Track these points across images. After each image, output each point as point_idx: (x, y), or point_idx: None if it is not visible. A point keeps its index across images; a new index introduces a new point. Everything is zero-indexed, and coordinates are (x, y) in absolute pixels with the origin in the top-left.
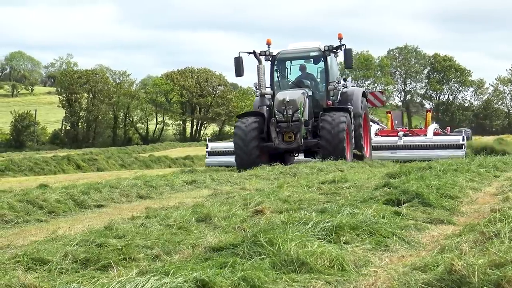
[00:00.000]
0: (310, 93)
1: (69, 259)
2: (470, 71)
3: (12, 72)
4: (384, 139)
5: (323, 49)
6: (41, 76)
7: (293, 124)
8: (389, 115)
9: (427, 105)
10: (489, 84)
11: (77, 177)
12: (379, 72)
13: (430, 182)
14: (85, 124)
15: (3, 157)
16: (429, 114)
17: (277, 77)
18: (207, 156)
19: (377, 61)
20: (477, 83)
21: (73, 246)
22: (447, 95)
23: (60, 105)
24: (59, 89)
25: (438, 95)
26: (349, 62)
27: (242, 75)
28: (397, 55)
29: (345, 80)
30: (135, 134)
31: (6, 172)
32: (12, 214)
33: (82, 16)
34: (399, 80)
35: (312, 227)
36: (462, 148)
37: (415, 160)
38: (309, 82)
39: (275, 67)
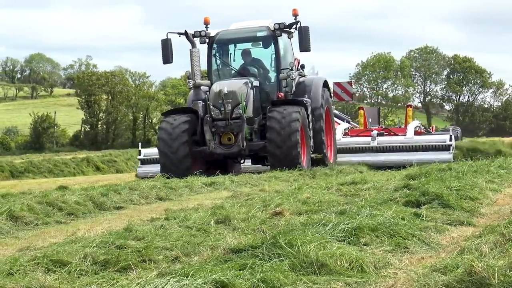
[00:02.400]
0: (256, 83)
1: (89, 260)
2: (490, 72)
3: (32, 74)
4: (354, 139)
5: (272, 28)
6: (61, 78)
7: (233, 122)
8: (361, 111)
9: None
10: (509, 85)
11: (96, 178)
12: (399, 73)
13: (449, 184)
14: (104, 126)
15: (23, 159)
16: (410, 109)
17: (216, 64)
18: (139, 165)
19: (398, 62)
20: (497, 84)
21: (93, 247)
22: (466, 97)
23: (79, 107)
24: (78, 91)
25: (458, 96)
26: (305, 43)
27: (171, 62)
28: (417, 56)
29: (302, 67)
30: (154, 135)
31: (25, 173)
32: (32, 216)
33: (105, 19)
34: (419, 82)
35: (332, 229)
36: (449, 149)
37: (392, 166)
38: (256, 70)
39: (214, 51)
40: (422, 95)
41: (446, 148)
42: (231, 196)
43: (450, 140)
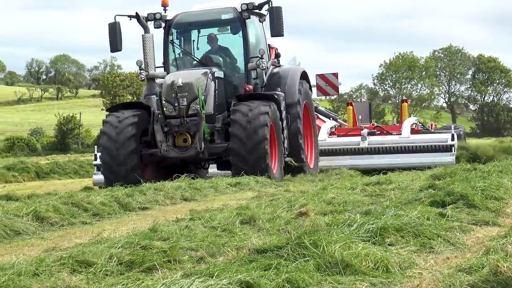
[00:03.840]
0: (220, 74)
1: (114, 261)
2: None
3: (57, 75)
4: (341, 140)
5: (240, 10)
6: (86, 79)
7: (189, 120)
8: (350, 107)
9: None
10: None
11: None
12: (424, 73)
13: (475, 184)
14: None
15: (48, 160)
16: (406, 105)
17: (174, 52)
18: (95, 171)
19: (422, 62)
20: None
21: (118, 248)
22: (491, 97)
23: (104, 108)
24: (103, 92)
25: (483, 96)
26: (277, 27)
27: (120, 49)
28: (442, 56)
29: (277, 56)
30: None
31: (51, 174)
32: (57, 217)
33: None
34: (443, 81)
35: (357, 229)
36: (451, 150)
37: (386, 170)
38: (221, 59)
39: (171, 37)
40: (447, 95)
41: (447, 148)
42: (256, 196)
43: (452, 139)
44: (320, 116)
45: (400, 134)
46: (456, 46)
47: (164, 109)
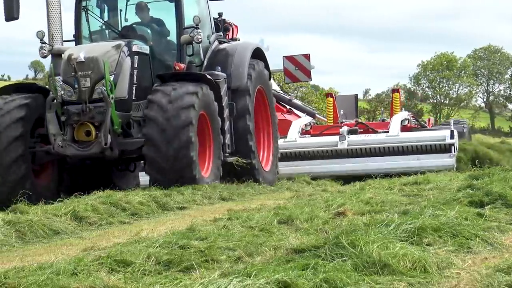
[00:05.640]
0: (143, 48)
1: (152, 260)
2: None
3: None
4: (315, 140)
5: None
6: None
7: (94, 107)
8: (330, 99)
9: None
10: None
11: None
12: (462, 72)
13: None
14: None
15: None
16: (397, 95)
17: (88, 22)
18: None
19: (460, 62)
20: None
21: (156, 248)
22: None
23: None
24: None
25: None
26: None
27: (17, 18)
28: (482, 55)
29: (226, 30)
30: None
31: None
32: (96, 216)
33: None
34: (482, 81)
35: (394, 229)
36: (450, 151)
37: (369, 176)
38: (149, 31)
39: (84, 3)
40: (486, 94)
41: (445, 149)
42: (294, 196)
43: (452, 137)
44: (296, 112)
45: (388, 132)
46: (495, 45)
47: (62, 92)
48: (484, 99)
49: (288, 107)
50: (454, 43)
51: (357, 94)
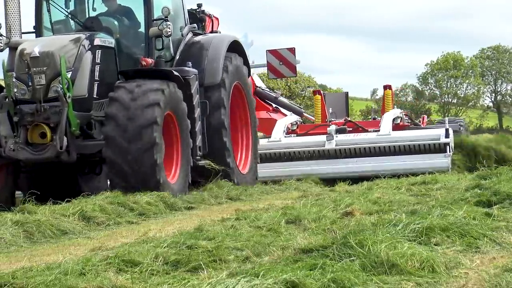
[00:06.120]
0: (109, 41)
1: (160, 260)
2: None
3: None
4: (300, 140)
5: None
6: None
7: (49, 106)
8: (318, 96)
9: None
10: None
11: None
12: (470, 72)
13: None
14: None
15: None
16: (389, 92)
17: (49, 12)
18: None
19: (467, 61)
20: None
21: (164, 248)
22: None
23: None
24: None
25: None
26: None
27: None
28: (490, 54)
29: (201, 21)
30: None
31: None
32: (104, 217)
33: None
34: (489, 81)
35: (402, 229)
36: (445, 151)
37: (357, 177)
38: (116, 23)
39: None
40: (493, 94)
41: (440, 148)
42: (302, 196)
43: (447, 136)
44: (283, 111)
45: (378, 130)
46: (505, 45)
47: (15, 90)
48: (492, 99)
49: (274, 105)
50: (461, 42)
51: (347, 92)
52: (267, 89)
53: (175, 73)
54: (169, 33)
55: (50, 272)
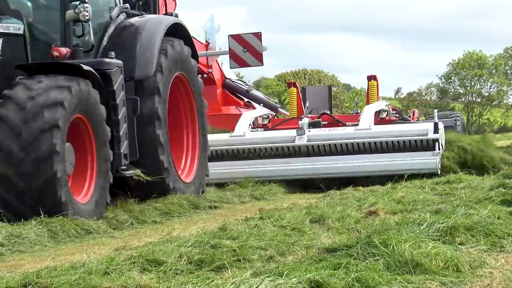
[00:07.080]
0: (16, 28)
1: (184, 260)
2: None
3: None
4: (267, 135)
5: None
6: None
7: None
8: (293, 89)
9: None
10: None
11: None
12: (494, 71)
13: None
14: None
15: None
16: (374, 83)
17: None
18: None
19: (491, 60)
20: None
21: (188, 247)
22: None
23: None
24: None
25: None
26: None
27: None
28: None
29: (147, 1)
30: None
31: None
32: (128, 216)
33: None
34: None
35: (427, 228)
36: (434, 148)
37: (332, 179)
38: (29, 5)
39: None
40: None
41: (428, 146)
42: (325, 195)
43: (435, 131)
44: (256, 106)
45: (357, 125)
46: None
47: None
48: None
49: (246, 99)
50: (484, 41)
51: (331, 85)
52: (238, 81)
53: (85, 67)
54: (87, 17)
55: (74, 272)
